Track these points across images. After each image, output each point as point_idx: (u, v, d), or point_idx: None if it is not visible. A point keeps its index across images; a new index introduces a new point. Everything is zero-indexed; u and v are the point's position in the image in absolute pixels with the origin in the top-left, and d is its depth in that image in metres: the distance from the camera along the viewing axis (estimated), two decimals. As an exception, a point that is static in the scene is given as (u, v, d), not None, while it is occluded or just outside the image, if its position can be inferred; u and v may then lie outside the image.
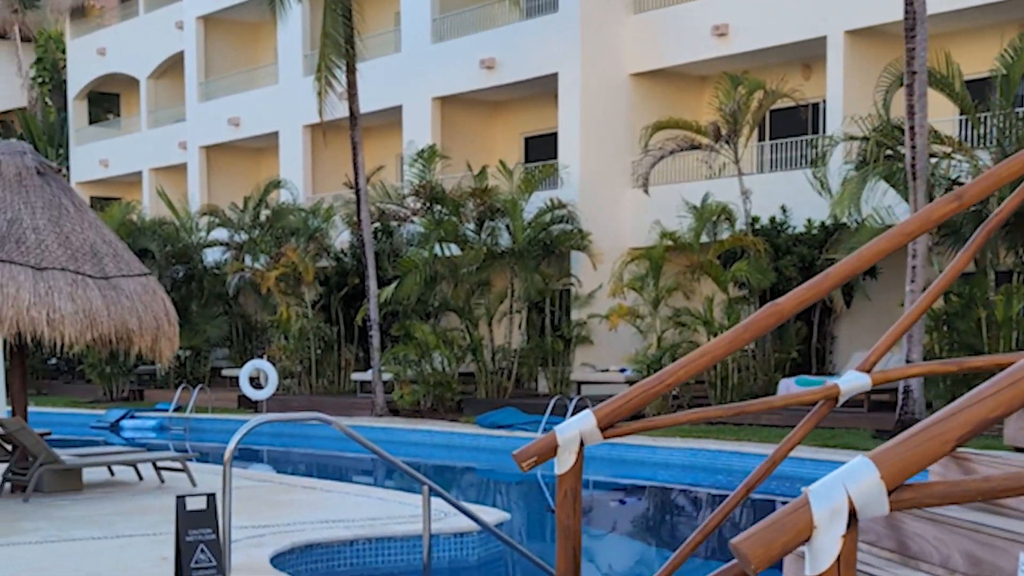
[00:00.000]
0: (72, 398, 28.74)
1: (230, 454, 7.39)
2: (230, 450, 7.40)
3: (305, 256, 25.54)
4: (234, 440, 7.37)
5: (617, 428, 4.95)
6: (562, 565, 5.07)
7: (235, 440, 7.37)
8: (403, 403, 22.89)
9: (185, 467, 12.45)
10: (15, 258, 11.19)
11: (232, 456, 7.41)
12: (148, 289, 11.96)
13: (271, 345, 26.87)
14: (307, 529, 9.89)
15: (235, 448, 7.40)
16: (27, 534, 9.58)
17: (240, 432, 7.39)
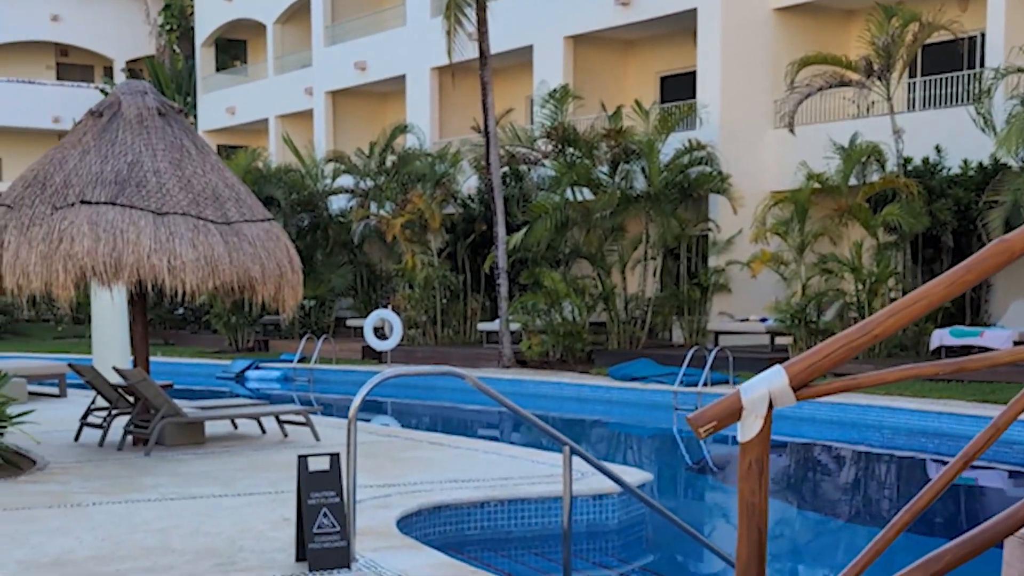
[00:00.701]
0: (198, 348, 28.79)
1: (355, 411, 6.74)
2: (355, 407, 6.74)
3: (432, 202, 24.95)
4: (359, 396, 6.72)
5: (813, 387, 4.10)
6: (744, 550, 4.25)
7: (360, 396, 6.72)
8: (531, 354, 22.23)
9: (308, 421, 11.96)
10: (136, 203, 10.72)
11: (357, 413, 6.75)
12: (271, 235, 11.40)
13: (396, 295, 26.44)
14: (435, 489, 9.26)
15: (360, 404, 6.75)
16: (147, 491, 9.14)
17: (366, 387, 6.73)
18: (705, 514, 11.81)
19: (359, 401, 6.71)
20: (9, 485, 9.34)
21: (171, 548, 7.19)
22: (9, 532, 7.60)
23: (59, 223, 10.57)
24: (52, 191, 10.86)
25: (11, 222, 10.75)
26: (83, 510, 8.35)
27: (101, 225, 10.47)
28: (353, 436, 6.71)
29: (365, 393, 6.72)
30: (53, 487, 9.27)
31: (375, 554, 7.00)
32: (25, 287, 10.53)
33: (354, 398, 6.77)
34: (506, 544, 9.06)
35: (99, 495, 8.92)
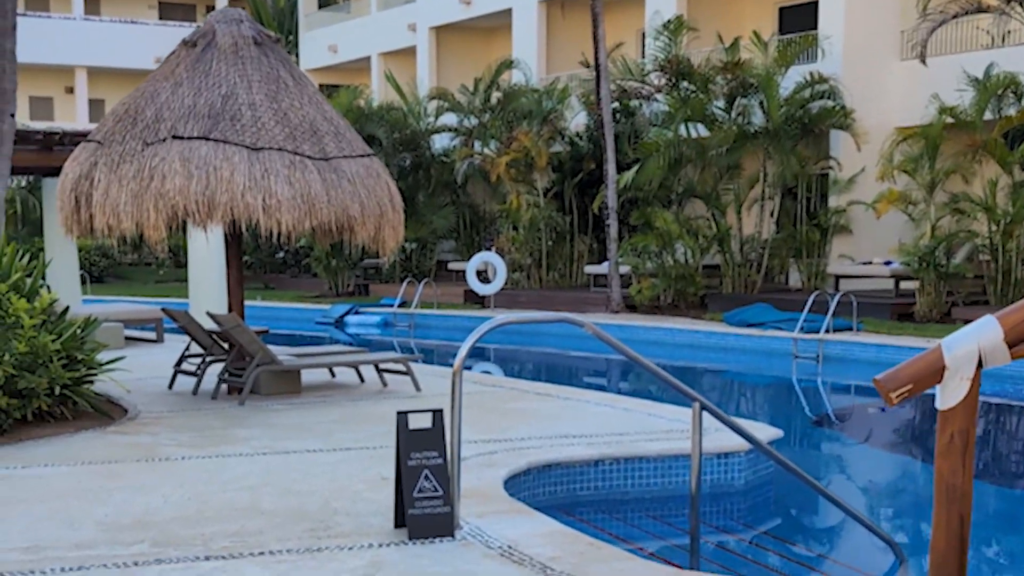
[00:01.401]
0: (298, 292, 28.42)
1: (461, 363, 6.04)
2: (461, 359, 6.04)
3: (538, 140, 24.11)
4: (465, 347, 6.02)
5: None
6: (942, 540, 3.47)
7: (467, 347, 6.01)
8: (641, 298, 21.40)
9: (409, 370, 11.34)
10: (229, 137, 10.12)
11: (462, 366, 6.06)
12: (371, 172, 10.74)
13: (499, 236, 25.75)
14: (544, 446, 8.56)
15: (466, 356, 6.05)
16: (239, 443, 8.59)
17: (472, 337, 6.02)
18: (835, 475, 10.96)
19: (465, 352, 6.01)
20: (98, 436, 8.88)
21: (260, 509, 6.61)
22: (93, 488, 7.10)
23: (150, 160, 10.03)
24: (143, 126, 10.32)
25: (101, 159, 10.26)
26: (171, 464, 7.83)
27: (193, 162, 9.91)
28: (458, 390, 6.03)
29: (472, 343, 6.01)
30: (142, 439, 8.79)
31: (481, 520, 6.33)
32: (116, 228, 10.04)
33: (459, 348, 6.07)
34: (621, 506, 8.35)
35: (189, 448, 8.40)
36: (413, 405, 10.51)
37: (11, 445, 8.43)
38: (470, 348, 6.02)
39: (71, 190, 10.32)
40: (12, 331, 8.72)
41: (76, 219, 10.36)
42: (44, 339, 8.72)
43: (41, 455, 8.10)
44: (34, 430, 8.98)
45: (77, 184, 10.30)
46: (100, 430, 9.11)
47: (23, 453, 8.17)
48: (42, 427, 9.12)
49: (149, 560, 5.63)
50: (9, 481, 7.32)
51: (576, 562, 5.63)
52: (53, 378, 8.86)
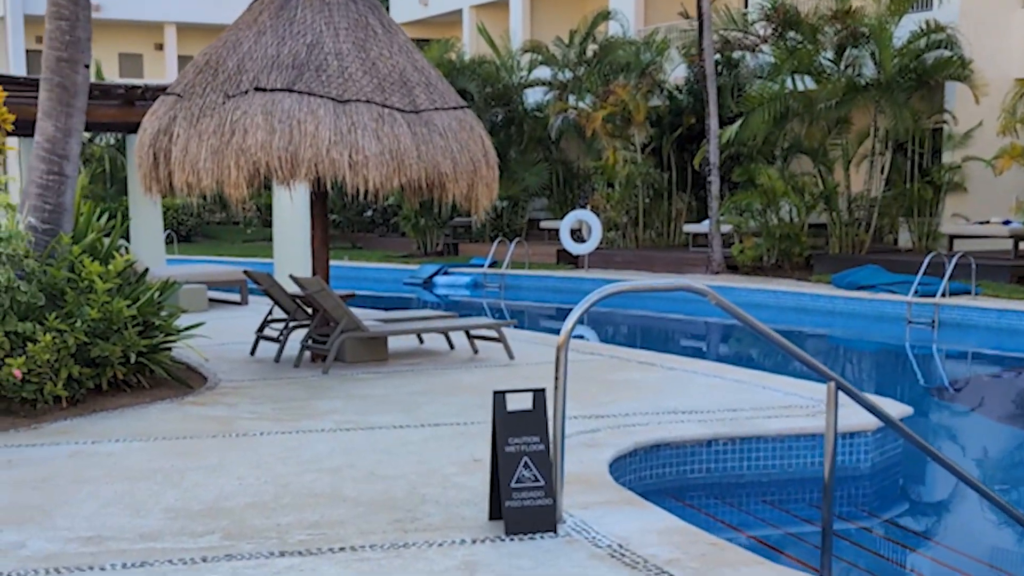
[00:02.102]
0: (386, 252, 27.88)
1: (566, 338, 5.35)
2: (567, 332, 5.34)
3: (636, 94, 23.21)
4: (573, 318, 5.31)
5: None
6: None
7: (574, 318, 5.31)
8: (743, 258, 20.51)
9: (502, 336, 10.69)
10: (315, 89, 9.50)
11: (568, 339, 5.36)
12: (464, 125, 10.05)
13: (594, 194, 24.95)
14: (651, 423, 7.85)
15: (572, 329, 5.35)
16: (320, 418, 8.01)
17: (581, 307, 5.32)
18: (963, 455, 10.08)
19: (572, 325, 5.31)
20: (174, 407, 8.37)
21: (342, 495, 6.00)
22: (165, 468, 6.55)
23: (231, 113, 9.45)
24: (224, 77, 9.75)
25: (180, 113, 9.71)
26: (249, 441, 7.27)
27: (276, 115, 9.31)
28: (563, 367, 5.34)
29: (580, 314, 5.32)
30: (219, 411, 8.25)
31: (586, 513, 5.66)
32: (195, 186, 9.50)
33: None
34: (736, 491, 7.62)
35: (268, 422, 7.84)
36: (506, 374, 9.87)
37: (84, 416, 7.95)
38: (577, 320, 5.32)
39: (149, 146, 9.81)
40: (85, 296, 8.22)
41: (155, 177, 9.85)
42: (118, 304, 8.20)
43: (113, 428, 7.59)
44: (108, 400, 8.50)
45: (155, 140, 9.78)
46: (177, 400, 8.60)
47: (95, 426, 7.67)
48: (117, 397, 8.64)
49: (219, 556, 5.04)
50: (79, 458, 6.81)
51: (698, 567, 4.92)
52: (128, 346, 8.35)
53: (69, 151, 8.88)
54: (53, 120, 8.83)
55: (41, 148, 8.82)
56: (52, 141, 8.81)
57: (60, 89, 8.84)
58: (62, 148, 8.84)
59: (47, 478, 6.35)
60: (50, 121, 8.83)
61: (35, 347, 7.69)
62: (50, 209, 8.73)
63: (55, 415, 7.96)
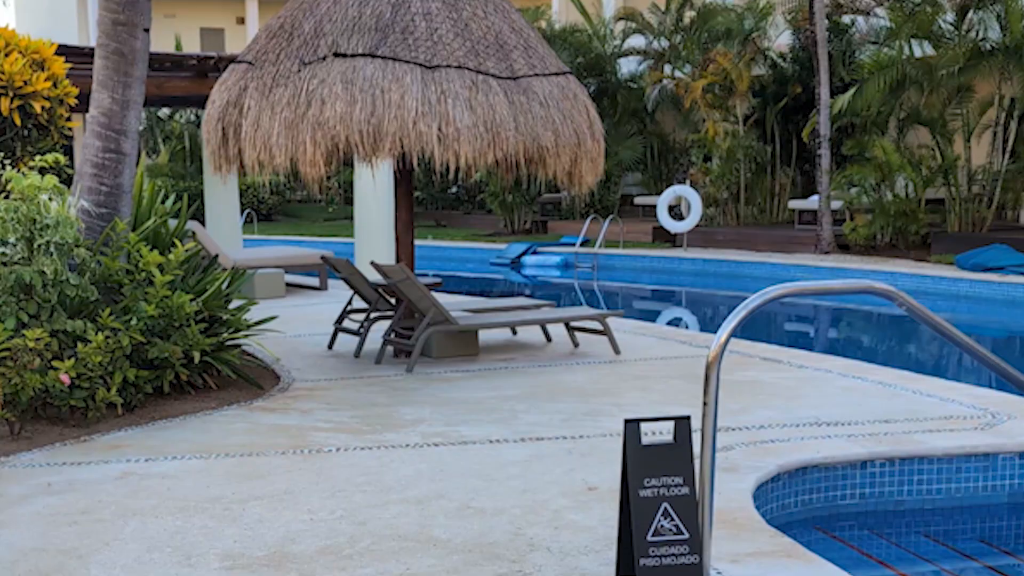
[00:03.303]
0: (472, 230, 26.77)
1: (718, 353, 4.26)
2: (719, 346, 4.26)
3: (739, 62, 21.84)
4: (727, 329, 4.24)
5: None
6: None
7: (728, 329, 4.24)
8: (855, 237, 19.12)
9: (607, 329, 9.58)
10: (400, 54, 8.44)
11: (720, 353, 4.26)
12: (567, 93, 8.93)
13: (692, 168, 23.65)
14: (792, 438, 6.70)
15: (726, 341, 4.25)
16: (405, 429, 6.96)
17: (741, 313, 4.23)
18: None
19: (726, 336, 4.22)
20: (241, 414, 7.39)
21: (432, 537, 4.95)
22: (225, 497, 5.55)
23: (307, 82, 8.44)
24: (300, 42, 8.73)
25: (251, 83, 8.71)
26: (323, 460, 6.25)
27: (357, 84, 8.27)
28: (714, 389, 4.24)
29: (740, 321, 4.25)
30: (291, 419, 7.25)
31: (738, 569, 4.55)
32: (268, 164, 8.50)
33: (721, 329, 4.28)
34: (894, 521, 6.44)
35: (346, 434, 6.82)
36: (613, 373, 8.77)
37: (140, 427, 6.99)
38: (733, 330, 4.21)
39: (217, 120, 8.83)
40: (142, 290, 7.27)
41: (223, 154, 8.88)
42: (179, 299, 7.23)
43: (171, 442, 6.63)
44: (169, 405, 7.55)
45: (224, 113, 8.80)
46: (245, 405, 7.62)
47: (152, 438, 6.71)
48: (180, 401, 7.70)
49: (282, 627, 4.03)
50: (128, 482, 5.85)
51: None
52: (190, 345, 7.38)
53: (127, 125, 7.92)
54: (109, 91, 7.87)
55: (96, 123, 7.88)
56: (108, 115, 7.86)
57: (117, 56, 7.88)
58: (119, 122, 7.88)
59: (88, 509, 5.38)
60: (106, 92, 7.87)
61: (86, 348, 6.75)
62: (106, 191, 7.78)
63: (108, 425, 7.03)
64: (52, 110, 10.24)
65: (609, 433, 6.81)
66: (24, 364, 6.46)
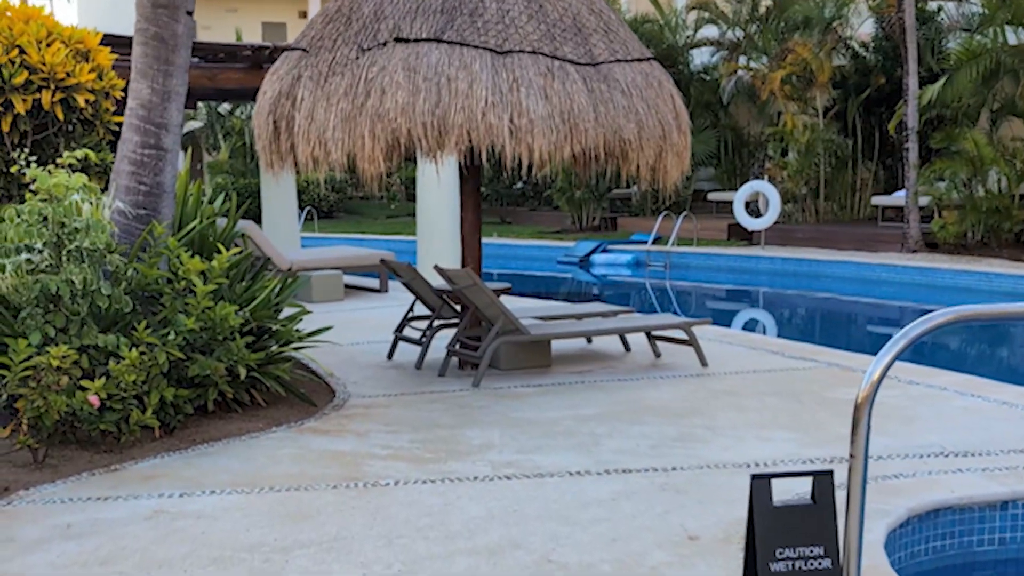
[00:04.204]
0: (538, 227, 25.89)
1: (871, 391, 3.43)
2: (872, 382, 3.44)
3: (819, 51, 20.81)
4: (886, 357, 3.44)
5: None
6: None
7: (888, 358, 3.44)
8: (944, 235, 18.06)
9: (693, 339, 8.74)
10: (468, 38, 7.65)
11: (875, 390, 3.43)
12: (652, 81, 8.09)
13: (768, 163, 22.65)
14: (917, 472, 5.84)
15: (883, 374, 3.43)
16: (472, 457, 6.16)
17: (906, 339, 3.41)
18: None
19: (880, 371, 3.40)
20: (291, 437, 6.64)
21: (510, 604, 4.16)
22: (265, 544, 4.79)
23: (365, 70, 7.68)
24: (359, 27, 7.97)
25: (306, 72, 7.97)
26: (380, 496, 5.47)
27: (421, 71, 7.49)
28: (864, 434, 3.41)
29: (901, 349, 3.43)
30: (345, 443, 6.47)
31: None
32: (323, 160, 7.75)
33: (875, 363, 3.47)
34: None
35: (405, 463, 6.03)
36: (702, 389, 7.94)
37: (179, 452, 6.27)
38: (894, 358, 3.38)
39: (268, 113, 8.11)
40: (182, 300, 6.54)
41: (275, 149, 8.15)
42: (223, 310, 6.50)
43: (211, 472, 5.89)
44: (212, 426, 6.83)
45: (276, 104, 8.08)
46: (295, 426, 6.88)
47: (190, 467, 5.98)
48: (225, 419, 6.97)
49: None
50: (159, 523, 5.11)
51: None
52: (235, 360, 6.65)
53: (168, 118, 7.21)
54: (149, 81, 7.16)
55: (134, 115, 7.17)
56: (147, 107, 7.15)
57: (157, 42, 7.16)
58: (160, 115, 7.17)
59: (110, 558, 4.65)
60: (145, 82, 7.17)
61: (118, 366, 6.03)
62: (145, 190, 7.07)
63: (144, 450, 6.31)
64: (97, 103, 9.60)
65: (705, 464, 5.99)
66: (48, 385, 5.76)
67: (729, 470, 5.88)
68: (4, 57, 9.06)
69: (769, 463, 6.01)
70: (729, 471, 5.86)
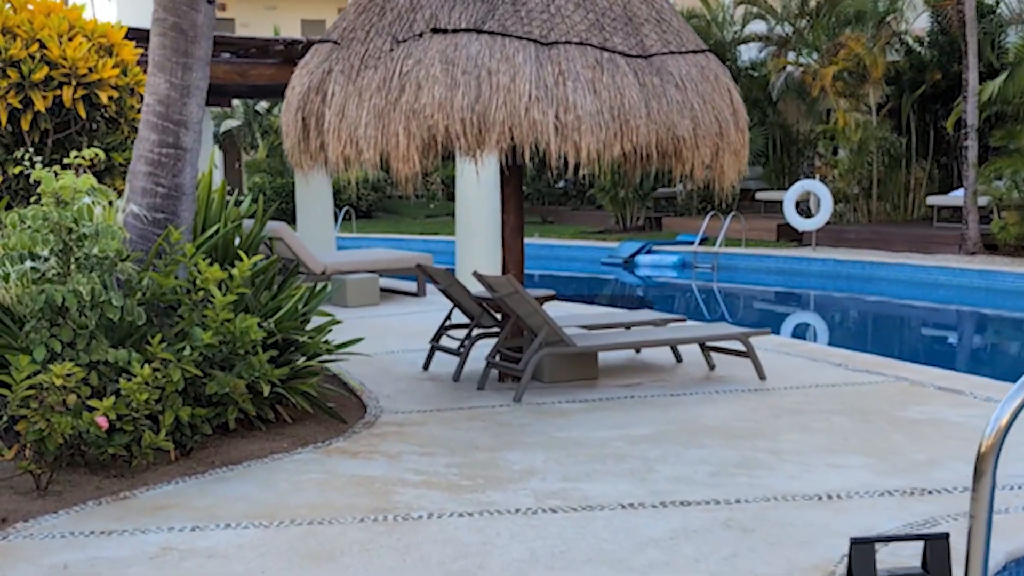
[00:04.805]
0: (580, 227, 25.25)
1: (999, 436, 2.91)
2: (996, 434, 2.86)
3: (872, 46, 20.09)
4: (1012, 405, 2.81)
5: None
6: None
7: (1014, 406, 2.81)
8: (1005, 236, 17.32)
9: (750, 350, 8.15)
10: (510, 28, 7.11)
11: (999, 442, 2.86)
12: (707, 74, 7.50)
13: (818, 161, 21.94)
14: (1012, 508, 5.25)
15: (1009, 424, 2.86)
16: (513, 485, 5.61)
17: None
18: None
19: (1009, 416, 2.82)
20: (316, 460, 6.11)
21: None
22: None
23: (400, 63, 7.14)
24: (393, 17, 7.44)
25: (337, 65, 7.45)
26: (411, 532, 4.93)
27: (459, 64, 6.95)
28: (986, 495, 2.83)
29: None
30: (375, 467, 5.94)
31: None
32: (354, 159, 7.23)
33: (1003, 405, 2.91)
34: None
35: (440, 492, 5.49)
36: (760, 402, 7.37)
37: (194, 477, 5.76)
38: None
39: (297, 109, 7.60)
40: (199, 312, 6.04)
41: (304, 148, 7.64)
42: (244, 323, 5.99)
43: (226, 501, 5.37)
44: (233, 445, 6.32)
45: (305, 100, 7.56)
46: (322, 447, 6.36)
47: (205, 495, 5.47)
48: (247, 438, 6.47)
49: None
50: (166, 563, 4.59)
51: None
52: (257, 376, 6.14)
53: (188, 115, 6.71)
54: (167, 74, 6.67)
55: (151, 112, 6.68)
56: (165, 102, 6.66)
57: (175, 33, 6.67)
58: (178, 111, 6.67)
59: (109, 606, 4.15)
60: (163, 76, 6.67)
61: (129, 384, 5.54)
62: (163, 193, 6.58)
63: (157, 474, 5.81)
64: (121, 100, 9.16)
65: (772, 496, 5.41)
66: (51, 405, 5.27)
67: (799, 503, 5.30)
68: (24, 52, 8.64)
69: (843, 494, 5.42)
70: (800, 505, 5.28)
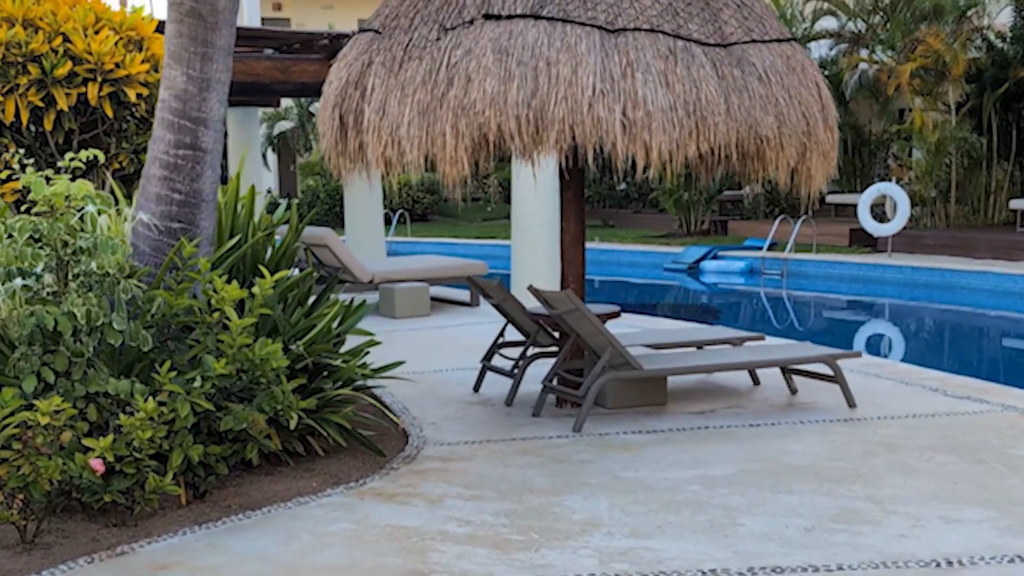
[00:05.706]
0: (642, 231, 24.33)
1: None
2: None
3: (953, 42, 19.03)
4: None
5: None
6: None
7: None
8: (1097, 243, 16.23)
9: (838, 374, 7.28)
10: (572, 14, 6.31)
11: None
12: (793, 66, 6.64)
13: (893, 163, 20.90)
14: None
15: None
16: (571, 541, 4.79)
17: None
18: None
19: None
20: (347, 504, 5.32)
21: None
22: None
23: (447, 53, 6.37)
24: (441, 2, 6.70)
25: (378, 56, 6.69)
26: (454, 610, 4.14)
27: (514, 54, 6.17)
28: None
29: None
30: (413, 515, 5.13)
31: None
32: (396, 162, 6.46)
33: None
34: None
35: (487, 551, 4.67)
36: (851, 435, 6.52)
37: (204, 527, 5.00)
38: None
39: (334, 105, 6.85)
40: (213, 337, 5.29)
41: (342, 149, 6.89)
42: (264, 350, 5.22)
43: (236, 560, 4.59)
44: (254, 483, 5.57)
45: (343, 96, 6.82)
46: (355, 487, 5.57)
47: (213, 552, 4.70)
48: (272, 475, 5.73)
49: None
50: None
51: None
52: (280, 409, 5.37)
53: (208, 112, 5.96)
54: (184, 66, 5.93)
55: (167, 109, 5.94)
56: (182, 98, 5.92)
57: (193, 19, 5.92)
58: (197, 108, 5.93)
59: None
60: (179, 68, 5.93)
61: (129, 420, 4.80)
62: (179, 200, 5.84)
63: (164, 520, 5.07)
64: (152, 98, 8.49)
65: (881, 561, 4.55)
66: (36, 448, 4.54)
67: (914, 571, 4.44)
68: (46, 46, 8.00)
69: (964, 560, 4.55)
70: (915, 573, 4.42)
